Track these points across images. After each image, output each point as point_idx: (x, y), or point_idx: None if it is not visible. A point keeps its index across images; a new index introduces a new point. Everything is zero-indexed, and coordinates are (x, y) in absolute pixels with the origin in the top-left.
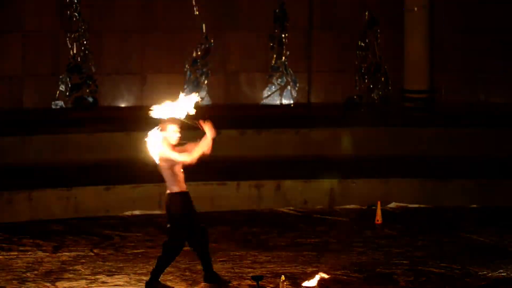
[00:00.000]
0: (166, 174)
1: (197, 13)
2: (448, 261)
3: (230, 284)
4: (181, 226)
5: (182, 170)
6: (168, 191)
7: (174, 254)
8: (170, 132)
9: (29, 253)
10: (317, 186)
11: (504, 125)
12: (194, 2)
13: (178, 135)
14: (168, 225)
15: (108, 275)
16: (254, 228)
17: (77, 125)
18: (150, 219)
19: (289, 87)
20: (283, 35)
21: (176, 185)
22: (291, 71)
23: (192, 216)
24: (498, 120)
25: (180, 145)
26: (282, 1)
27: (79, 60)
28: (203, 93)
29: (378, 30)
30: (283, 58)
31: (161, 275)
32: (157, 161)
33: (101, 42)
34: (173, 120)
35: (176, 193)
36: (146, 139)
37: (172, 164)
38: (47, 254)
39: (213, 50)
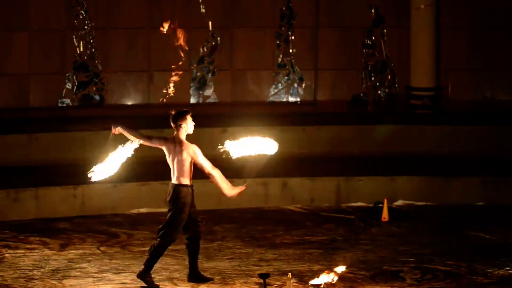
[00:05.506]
0: (183, 165)
1: (204, 10)
2: (455, 259)
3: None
4: (182, 217)
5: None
6: (176, 182)
7: (167, 245)
8: (189, 122)
9: (36, 251)
10: (323, 184)
11: (510, 123)
12: (200, 0)
13: (193, 123)
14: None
15: (114, 273)
16: (261, 225)
17: (84, 123)
18: (157, 217)
19: (295, 85)
20: (289, 33)
21: (188, 177)
22: (298, 69)
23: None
24: (504, 117)
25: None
26: None
27: (85, 58)
28: (210, 91)
29: (385, 28)
30: (290, 56)
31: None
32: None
33: (107, 39)
34: (188, 111)
35: (187, 185)
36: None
37: (193, 160)
38: (54, 252)
39: (220, 47)
